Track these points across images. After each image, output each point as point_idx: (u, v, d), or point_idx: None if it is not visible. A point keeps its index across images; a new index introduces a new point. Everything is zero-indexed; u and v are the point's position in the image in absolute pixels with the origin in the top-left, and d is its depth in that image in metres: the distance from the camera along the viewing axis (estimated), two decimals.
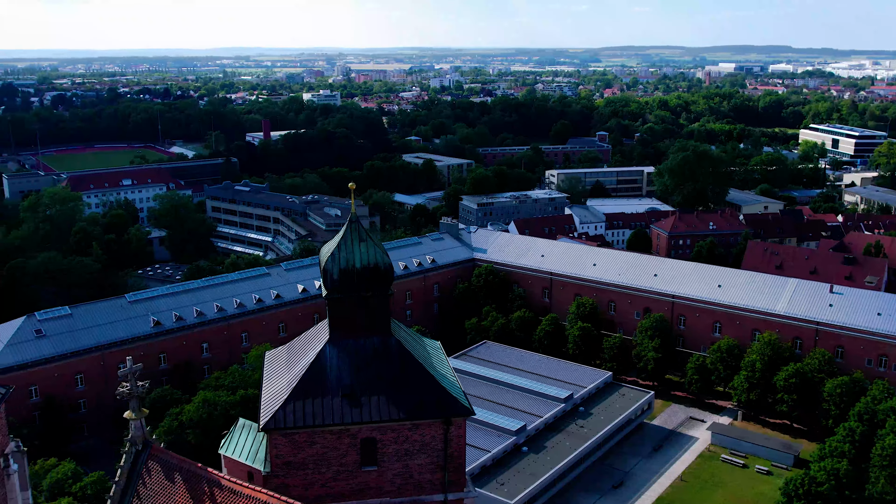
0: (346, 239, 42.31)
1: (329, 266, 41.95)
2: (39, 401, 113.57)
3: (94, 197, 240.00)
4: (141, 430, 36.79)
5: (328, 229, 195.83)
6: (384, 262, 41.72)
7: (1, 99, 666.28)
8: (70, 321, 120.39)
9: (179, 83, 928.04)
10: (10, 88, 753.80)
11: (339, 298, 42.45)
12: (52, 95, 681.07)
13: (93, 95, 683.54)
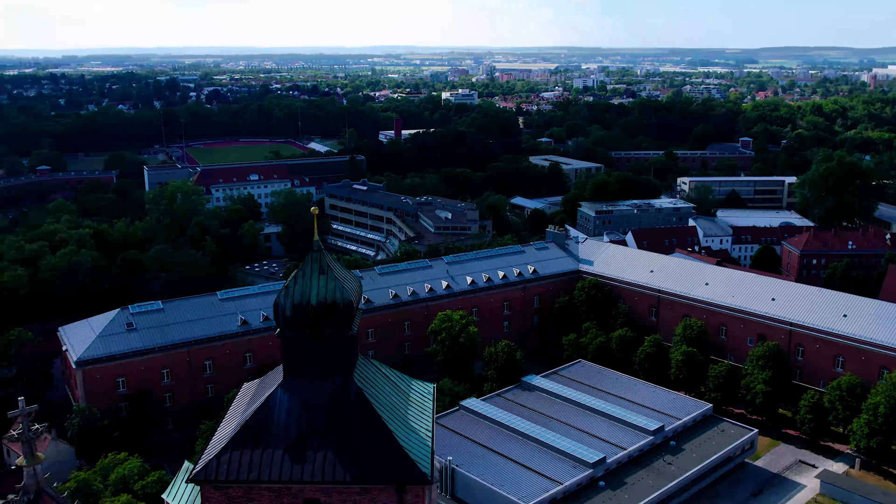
0: (304, 270, 37.38)
1: (281, 300, 37.23)
2: (127, 392, 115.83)
3: (221, 191, 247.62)
4: (34, 478, 33.31)
5: (436, 232, 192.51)
6: (343, 298, 36.43)
7: (163, 93, 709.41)
8: (161, 316, 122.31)
9: (329, 80, 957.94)
10: (173, 83, 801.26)
11: (293, 337, 37.68)
12: (208, 91, 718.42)
13: (245, 91, 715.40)
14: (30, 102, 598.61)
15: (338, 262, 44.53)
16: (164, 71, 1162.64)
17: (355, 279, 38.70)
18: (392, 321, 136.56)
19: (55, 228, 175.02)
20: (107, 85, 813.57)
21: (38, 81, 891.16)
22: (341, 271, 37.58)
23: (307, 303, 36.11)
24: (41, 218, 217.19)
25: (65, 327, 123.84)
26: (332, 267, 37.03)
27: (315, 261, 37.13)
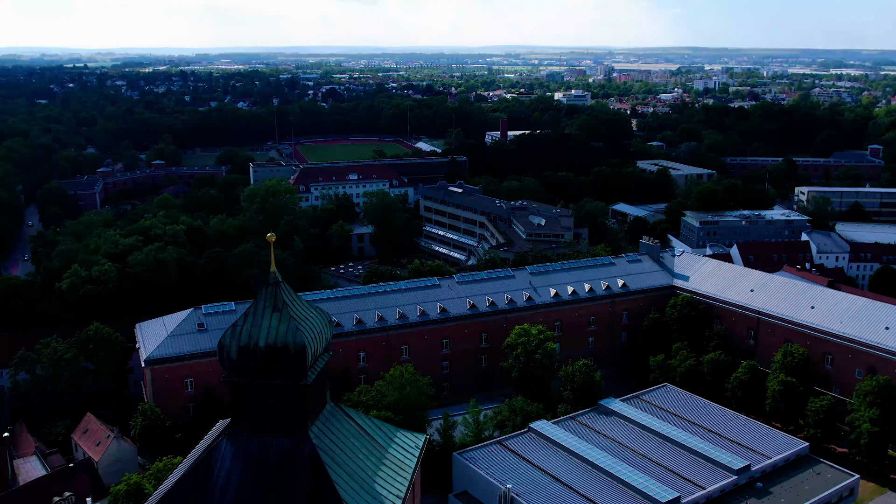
0: (256, 306, 32.55)
1: (226, 341, 32.64)
2: (194, 393, 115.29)
3: (320, 189, 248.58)
4: None
5: (528, 239, 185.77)
6: (296, 342, 31.42)
7: (282, 91, 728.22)
8: (233, 317, 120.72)
9: (444, 80, 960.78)
10: (293, 82, 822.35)
11: (239, 384, 32.91)
12: (325, 89, 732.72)
13: (360, 90, 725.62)
14: (157, 99, 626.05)
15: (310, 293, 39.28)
16: (288, 69, 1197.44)
17: (320, 318, 33.74)
18: (468, 332, 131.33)
19: (150, 224, 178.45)
20: (231, 82, 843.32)
21: (169, 78, 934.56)
22: (302, 309, 32.66)
23: (255, 345, 31.39)
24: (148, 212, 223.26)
25: (141, 324, 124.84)
26: (289, 304, 32.13)
27: (269, 296, 32.44)
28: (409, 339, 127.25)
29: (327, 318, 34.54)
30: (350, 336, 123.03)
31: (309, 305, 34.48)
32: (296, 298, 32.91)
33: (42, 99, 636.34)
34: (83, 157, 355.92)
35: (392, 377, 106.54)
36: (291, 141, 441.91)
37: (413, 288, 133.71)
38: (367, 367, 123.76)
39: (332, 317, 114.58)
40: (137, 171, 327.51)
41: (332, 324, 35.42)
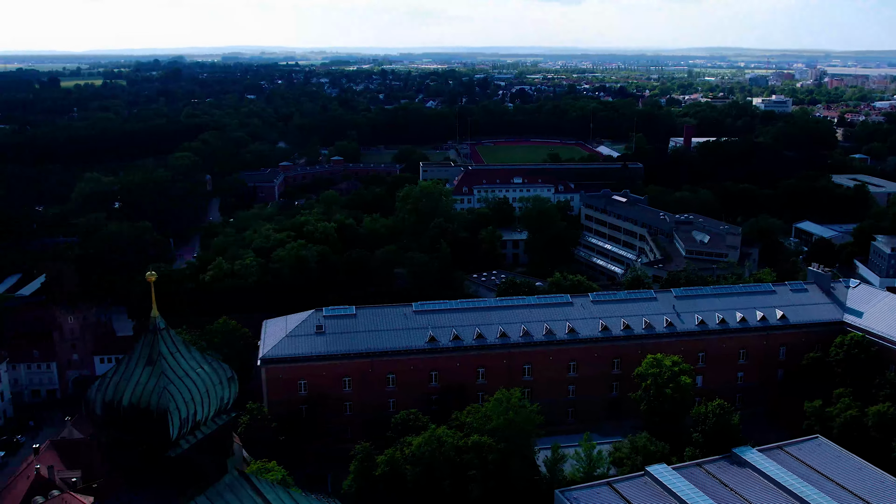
0: (130, 358, 27.46)
1: (92, 394, 27.74)
2: (307, 395, 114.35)
3: (482, 192, 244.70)
4: None
5: (687, 256, 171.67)
6: (159, 405, 26.04)
7: (473, 90, 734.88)
8: (352, 321, 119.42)
9: (640, 81, 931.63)
10: (485, 82, 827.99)
11: (107, 443, 27.99)
12: (516, 89, 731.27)
13: (550, 91, 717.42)
14: (352, 96, 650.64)
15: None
16: (484, 69, 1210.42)
17: (210, 377, 28.22)
18: (598, 357, 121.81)
19: (304, 220, 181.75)
20: (426, 81, 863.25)
21: (369, 77, 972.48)
22: (187, 363, 27.36)
23: (118, 402, 26.46)
24: (315, 207, 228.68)
25: (268, 321, 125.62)
26: (167, 356, 26.88)
27: (146, 345, 27.30)
28: (532, 358, 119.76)
29: (224, 376, 29.13)
30: (469, 350, 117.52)
31: (203, 360, 29.34)
32: (182, 350, 27.81)
33: (251, 94, 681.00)
34: (272, 151, 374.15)
35: (497, 400, 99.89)
36: (472, 141, 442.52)
37: (542, 304, 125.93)
38: (486, 385, 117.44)
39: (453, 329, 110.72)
40: (317, 166, 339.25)
41: (234, 381, 29.90)
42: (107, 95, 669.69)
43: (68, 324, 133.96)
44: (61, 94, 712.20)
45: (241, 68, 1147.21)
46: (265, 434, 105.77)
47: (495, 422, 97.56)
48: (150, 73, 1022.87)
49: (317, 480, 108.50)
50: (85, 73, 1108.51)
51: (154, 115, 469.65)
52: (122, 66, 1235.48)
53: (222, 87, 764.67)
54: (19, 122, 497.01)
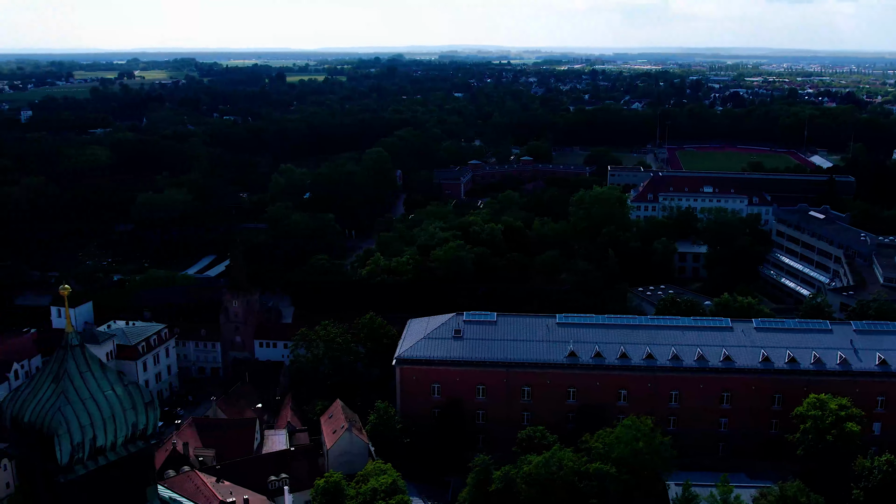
0: (42, 373, 26.02)
1: (5, 405, 26.67)
2: (440, 399, 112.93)
3: (667, 200, 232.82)
4: None
5: (885, 284, 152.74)
6: (51, 427, 24.35)
7: (683, 92, 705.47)
8: (491, 329, 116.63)
9: (874, 87, 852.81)
10: (697, 84, 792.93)
11: (18, 458, 26.78)
12: (729, 92, 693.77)
13: (767, 95, 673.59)
14: (556, 96, 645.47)
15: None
16: (700, 70, 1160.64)
17: (118, 402, 26.14)
18: (756, 390, 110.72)
19: (472, 220, 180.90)
20: (636, 82, 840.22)
21: (578, 77, 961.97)
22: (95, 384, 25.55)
23: (21, 417, 25.20)
24: (493, 207, 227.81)
25: (412, 320, 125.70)
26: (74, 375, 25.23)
27: (56, 361, 25.79)
28: (680, 384, 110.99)
29: (139, 401, 26.97)
30: (611, 370, 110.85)
31: (119, 382, 27.22)
32: (95, 370, 26.01)
33: (459, 92, 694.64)
34: (466, 148, 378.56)
35: (626, 427, 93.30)
36: (672, 145, 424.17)
37: (698, 327, 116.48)
38: (628, 408, 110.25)
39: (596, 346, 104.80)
40: (506, 165, 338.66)
41: (151, 407, 27.74)
42: (325, 91, 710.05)
43: (233, 307, 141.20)
44: (286, 88, 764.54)
45: (455, 66, 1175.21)
46: (391, 434, 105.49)
47: (621, 450, 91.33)
48: (368, 71, 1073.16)
49: (440, 487, 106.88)
50: (312, 69, 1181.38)
51: (361, 111, 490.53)
52: (345, 63, 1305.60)
53: (433, 84, 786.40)
54: (244, 113, 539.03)
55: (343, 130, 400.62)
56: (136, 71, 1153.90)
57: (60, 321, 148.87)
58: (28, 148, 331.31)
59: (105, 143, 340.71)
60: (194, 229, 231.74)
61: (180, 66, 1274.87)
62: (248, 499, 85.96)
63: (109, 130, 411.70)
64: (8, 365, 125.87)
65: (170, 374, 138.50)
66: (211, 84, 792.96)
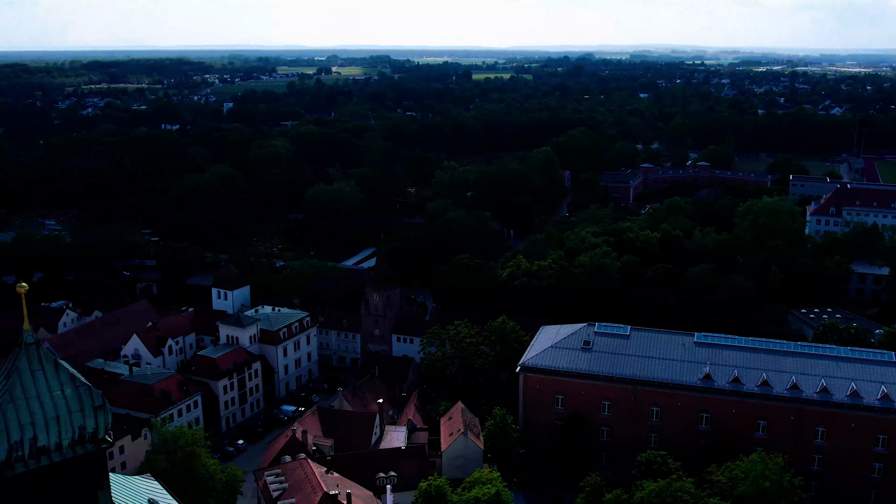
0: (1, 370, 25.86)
1: None
2: (562, 411, 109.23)
3: (850, 215, 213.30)
4: None
5: None
6: None
7: (892, 98, 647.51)
8: (623, 343, 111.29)
9: None
10: None
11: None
12: None
13: None
14: (748, 99, 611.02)
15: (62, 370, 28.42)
16: None
17: (65, 402, 25.54)
18: None
19: (627, 226, 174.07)
20: (840, 86, 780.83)
21: (776, 79, 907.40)
22: (44, 383, 25.15)
23: None
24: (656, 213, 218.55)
25: (544, 327, 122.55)
26: (24, 372, 25.00)
27: (11, 358, 25.65)
28: (829, 421, 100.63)
29: (88, 404, 26.13)
30: (750, 397, 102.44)
31: (71, 383, 26.51)
32: (48, 369, 25.52)
33: (644, 93, 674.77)
34: (640, 151, 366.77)
35: (752, 462, 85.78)
36: (872, 155, 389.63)
37: (855, 359, 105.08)
38: (766, 440, 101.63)
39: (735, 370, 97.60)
40: (680, 170, 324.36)
41: (102, 410, 26.93)
42: (508, 89, 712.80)
43: (374, 300, 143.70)
44: (471, 86, 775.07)
45: (645, 66, 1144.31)
46: (507, 442, 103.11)
47: (745, 488, 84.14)
48: (555, 69, 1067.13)
49: (553, 501, 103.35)
50: (500, 67, 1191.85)
51: (538, 110, 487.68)
52: (533, 62, 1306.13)
53: (618, 84, 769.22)
54: (426, 109, 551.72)
55: (517, 129, 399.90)
56: (333, 67, 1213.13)
57: (220, 302, 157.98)
58: (222, 138, 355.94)
59: (291, 135, 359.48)
60: (359, 221, 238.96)
61: (375, 62, 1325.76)
62: (350, 493, 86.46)
63: (296, 123, 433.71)
64: (163, 340, 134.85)
65: (309, 360, 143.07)
66: (400, 80, 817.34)
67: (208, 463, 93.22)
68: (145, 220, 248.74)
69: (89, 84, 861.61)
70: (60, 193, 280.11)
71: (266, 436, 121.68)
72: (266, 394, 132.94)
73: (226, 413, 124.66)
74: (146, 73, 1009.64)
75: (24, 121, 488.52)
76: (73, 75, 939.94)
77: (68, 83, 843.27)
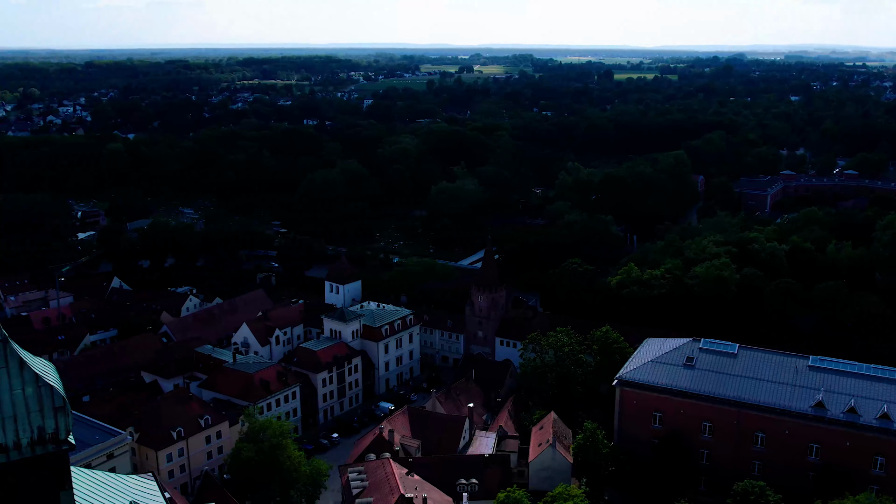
0: None
1: None
2: (660, 429, 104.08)
3: None
4: None
5: None
6: None
7: None
8: (730, 361, 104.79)
9: None
10: None
11: None
12: None
13: None
14: None
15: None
16: None
17: (30, 401, 25.11)
18: None
19: (752, 237, 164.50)
20: None
21: None
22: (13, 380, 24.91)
23: None
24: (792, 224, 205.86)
25: (649, 339, 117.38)
26: None
27: None
28: None
29: (48, 405, 25.46)
30: (866, 430, 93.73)
31: (33, 382, 25.78)
32: (12, 367, 25.11)
33: (795, 96, 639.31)
34: (783, 157, 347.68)
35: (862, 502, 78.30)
36: None
37: None
38: (885, 478, 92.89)
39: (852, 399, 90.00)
40: (825, 178, 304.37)
41: (62, 412, 26.27)
42: (650, 89, 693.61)
43: (479, 301, 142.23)
44: (611, 86, 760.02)
45: (799, 68, 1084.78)
46: (596, 457, 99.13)
47: None
48: (702, 70, 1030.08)
49: None
50: (644, 67, 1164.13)
51: (677, 111, 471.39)
52: (680, 62, 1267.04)
53: (768, 86, 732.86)
54: (561, 109, 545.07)
55: (652, 130, 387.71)
56: (476, 66, 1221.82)
57: (332, 296, 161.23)
58: (355, 134, 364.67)
59: (422, 132, 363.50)
60: (479, 220, 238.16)
61: (517, 61, 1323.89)
62: (426, 496, 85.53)
63: (430, 121, 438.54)
64: (271, 330, 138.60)
65: (411, 358, 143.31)
66: (540, 80, 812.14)
67: (293, 455, 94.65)
68: (276, 212, 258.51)
69: (242, 80, 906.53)
70: (203, 184, 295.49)
71: (361, 431, 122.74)
72: (365, 389, 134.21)
73: (324, 406, 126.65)
74: (296, 70, 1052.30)
75: (178, 115, 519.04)
76: (228, 71, 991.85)
77: (223, 79, 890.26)
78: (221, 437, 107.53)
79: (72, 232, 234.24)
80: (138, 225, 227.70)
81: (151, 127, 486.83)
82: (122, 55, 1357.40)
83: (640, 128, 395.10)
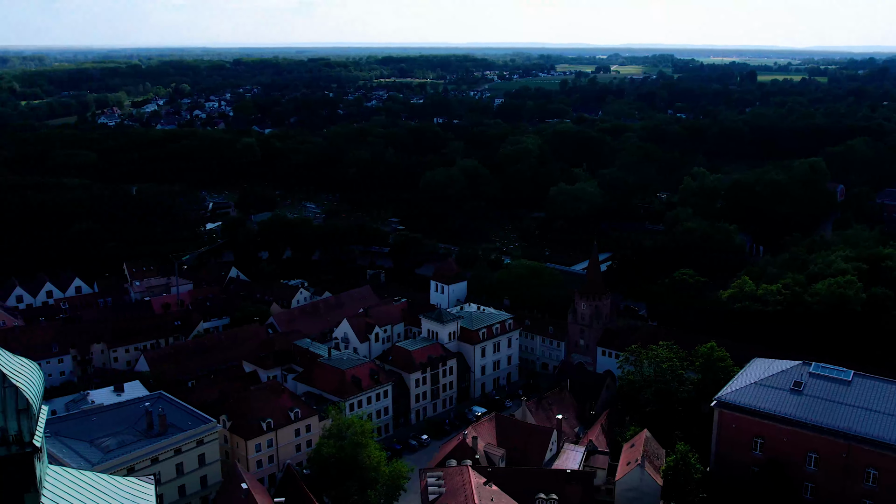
0: None
1: None
2: (760, 457, 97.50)
3: None
4: None
5: None
6: None
7: None
8: (841, 389, 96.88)
9: None
10: None
11: None
12: None
13: None
14: None
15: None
16: None
17: None
18: None
19: (886, 253, 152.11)
20: None
21: None
22: None
23: None
24: None
25: (757, 359, 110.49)
26: None
27: None
28: None
29: (11, 407, 24.94)
30: None
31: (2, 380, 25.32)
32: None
33: None
34: None
35: None
36: None
37: None
38: None
39: None
40: None
41: (25, 414, 25.75)
42: (796, 92, 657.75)
43: (581, 308, 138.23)
44: (753, 87, 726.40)
45: None
46: (686, 482, 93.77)
47: None
48: (856, 72, 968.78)
49: None
50: (792, 68, 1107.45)
51: (820, 115, 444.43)
52: (832, 64, 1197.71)
53: None
54: (697, 111, 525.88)
55: (790, 135, 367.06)
56: (613, 66, 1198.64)
57: (437, 295, 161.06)
58: (480, 133, 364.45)
59: (547, 132, 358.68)
60: (596, 223, 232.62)
61: (657, 62, 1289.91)
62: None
63: (556, 121, 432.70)
64: (371, 327, 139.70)
65: (509, 363, 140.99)
66: (678, 81, 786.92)
67: (374, 455, 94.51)
68: (396, 209, 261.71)
69: (379, 78, 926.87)
70: (328, 180, 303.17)
71: (451, 434, 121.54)
72: (460, 392, 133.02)
73: (416, 406, 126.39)
74: (432, 69, 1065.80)
75: (315, 111, 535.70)
76: (366, 69, 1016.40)
77: (361, 77, 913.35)
78: (310, 431, 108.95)
79: (202, 222, 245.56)
80: (262, 217, 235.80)
81: (288, 122, 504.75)
82: (269, 53, 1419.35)
83: (778, 131, 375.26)
